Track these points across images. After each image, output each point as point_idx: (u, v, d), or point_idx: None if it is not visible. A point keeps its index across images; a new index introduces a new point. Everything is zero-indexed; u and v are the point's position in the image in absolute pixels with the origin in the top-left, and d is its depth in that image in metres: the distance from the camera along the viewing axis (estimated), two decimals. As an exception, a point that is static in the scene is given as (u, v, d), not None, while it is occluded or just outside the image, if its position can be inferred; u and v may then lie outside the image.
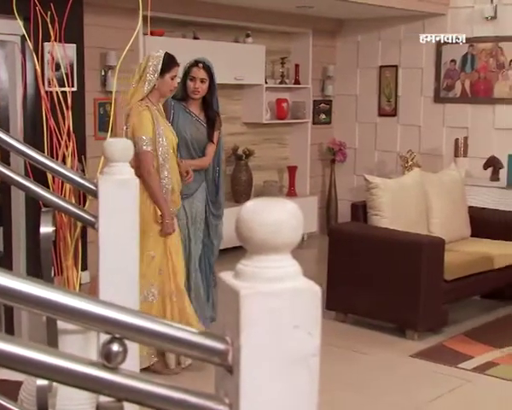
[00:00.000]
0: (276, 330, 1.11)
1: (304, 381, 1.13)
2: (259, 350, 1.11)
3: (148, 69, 3.98)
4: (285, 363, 1.12)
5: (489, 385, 4.12)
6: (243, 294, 1.10)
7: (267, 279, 1.12)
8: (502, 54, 7.07)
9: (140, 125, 3.94)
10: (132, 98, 3.99)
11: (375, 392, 4.02)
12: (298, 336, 1.12)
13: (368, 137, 8.20)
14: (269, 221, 1.10)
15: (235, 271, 1.16)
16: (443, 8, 7.41)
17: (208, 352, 1.16)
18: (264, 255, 1.12)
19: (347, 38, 8.27)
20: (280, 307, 1.11)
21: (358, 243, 5.09)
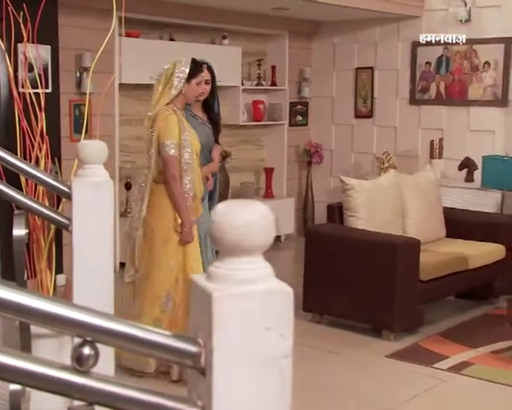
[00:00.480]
0: (248, 332, 1.11)
1: (276, 382, 1.13)
2: (232, 352, 1.11)
3: (175, 74, 3.98)
4: (257, 365, 1.12)
5: (464, 385, 4.15)
6: (215, 296, 1.10)
7: (239, 281, 1.12)
8: (476, 56, 7.14)
9: (166, 129, 3.92)
10: (158, 103, 3.98)
11: (350, 393, 4.03)
12: (270, 338, 1.12)
13: (344, 139, 8.24)
14: (240, 223, 1.10)
15: (208, 273, 1.16)
16: (418, 11, 7.47)
17: (181, 354, 1.16)
18: (236, 257, 1.12)
19: (323, 40, 8.30)
20: (252, 309, 1.11)
21: (334, 245, 5.10)
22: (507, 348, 4.58)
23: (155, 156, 3.95)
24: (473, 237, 5.62)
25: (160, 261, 3.98)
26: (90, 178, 2.26)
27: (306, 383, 4.20)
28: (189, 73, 4.01)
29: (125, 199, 6.74)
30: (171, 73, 3.99)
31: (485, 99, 7.13)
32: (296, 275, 5.52)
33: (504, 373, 4.23)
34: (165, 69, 4.03)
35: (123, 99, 6.67)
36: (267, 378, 1.13)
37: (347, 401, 3.93)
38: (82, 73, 6.15)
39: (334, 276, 5.07)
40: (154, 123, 3.94)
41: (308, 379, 4.26)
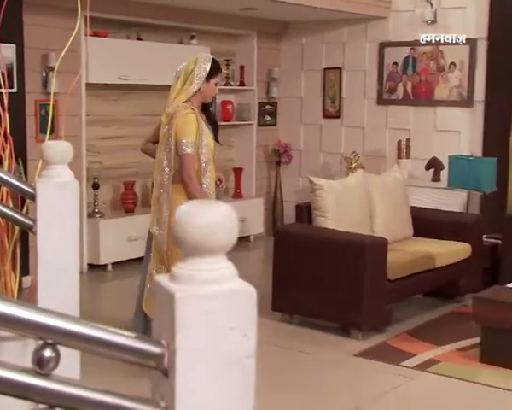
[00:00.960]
0: (211, 333, 1.11)
1: (239, 382, 1.13)
2: (195, 353, 1.10)
3: (195, 72, 3.93)
4: (220, 365, 1.12)
5: (431, 382, 4.20)
6: (178, 296, 1.10)
7: (202, 282, 1.12)
8: (442, 57, 7.22)
9: (184, 127, 3.87)
10: (176, 100, 3.92)
11: (319, 392, 4.05)
12: (233, 338, 1.12)
13: (313, 139, 8.27)
14: (202, 223, 1.10)
15: (171, 273, 1.16)
16: (385, 12, 7.53)
17: (144, 356, 1.15)
18: (199, 258, 1.12)
19: (292, 41, 8.33)
20: (215, 310, 1.11)
21: (303, 244, 5.12)
22: (472, 345, 4.63)
23: (173, 154, 3.90)
24: (439, 236, 5.68)
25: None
26: (55, 179, 2.23)
27: (276, 383, 4.20)
28: (209, 72, 3.96)
29: (92, 199, 6.69)
30: (191, 70, 3.94)
31: (452, 99, 7.21)
32: (265, 275, 5.53)
33: (470, 370, 4.29)
34: (185, 66, 3.97)
35: (90, 99, 6.61)
36: (230, 379, 1.13)
37: (316, 400, 3.94)
38: (48, 73, 6.09)
39: (304, 275, 5.09)
40: (172, 120, 3.88)
41: (277, 379, 4.27)
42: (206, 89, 3.98)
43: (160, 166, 3.96)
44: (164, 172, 3.92)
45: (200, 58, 4.00)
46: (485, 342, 4.41)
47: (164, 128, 3.95)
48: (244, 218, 7.85)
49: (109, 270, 6.59)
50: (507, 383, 4.08)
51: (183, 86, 3.93)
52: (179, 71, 3.98)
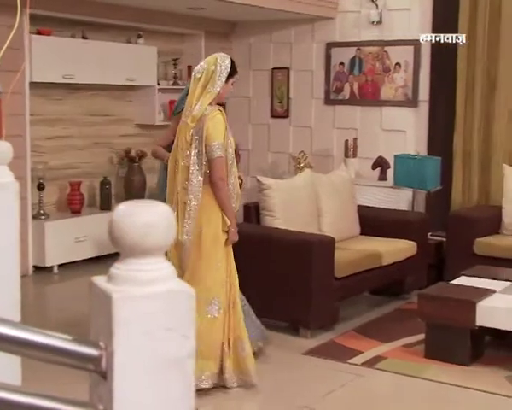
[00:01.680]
0: (149, 334, 1.10)
1: (179, 383, 1.12)
2: (133, 354, 1.09)
3: (216, 73, 3.85)
4: (159, 366, 1.11)
5: (378, 378, 4.25)
6: (115, 298, 1.09)
7: (140, 282, 1.10)
8: (387, 57, 7.32)
9: (214, 129, 3.79)
10: (200, 102, 3.81)
11: (268, 391, 4.05)
12: (172, 339, 1.11)
13: (261, 139, 8.29)
14: (139, 224, 1.09)
15: (108, 275, 1.14)
16: (332, 12, 7.59)
17: (81, 358, 1.13)
18: (136, 258, 1.11)
19: (240, 40, 8.34)
20: (153, 311, 1.10)
21: (251, 244, 5.11)
22: (418, 341, 4.71)
23: (202, 157, 3.81)
24: (386, 235, 5.75)
25: (210, 263, 3.89)
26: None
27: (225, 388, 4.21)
28: (230, 71, 3.92)
29: (37, 201, 6.57)
30: (212, 70, 3.85)
31: (397, 99, 7.32)
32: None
33: (415, 366, 4.36)
34: (206, 67, 3.87)
35: (34, 98, 6.50)
36: (170, 380, 1.12)
37: (265, 400, 3.95)
38: (-10, 72, 5.96)
39: (252, 275, 5.09)
40: (200, 123, 3.79)
41: (225, 379, 4.27)
42: (224, 89, 3.94)
43: (188, 171, 3.84)
44: (193, 177, 3.82)
45: (220, 58, 3.92)
46: (430, 338, 4.49)
47: (189, 132, 3.83)
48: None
49: (55, 272, 6.49)
50: (450, 378, 4.16)
51: (204, 87, 3.84)
52: (198, 72, 3.89)
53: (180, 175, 3.87)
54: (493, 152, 6.61)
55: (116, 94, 7.44)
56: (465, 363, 4.34)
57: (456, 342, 4.38)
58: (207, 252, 3.88)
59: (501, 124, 6.55)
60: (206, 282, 3.88)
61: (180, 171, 3.87)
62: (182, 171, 3.86)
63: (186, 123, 3.86)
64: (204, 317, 3.83)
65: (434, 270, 6.11)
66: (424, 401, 3.97)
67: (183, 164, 3.85)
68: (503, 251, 5.70)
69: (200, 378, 3.82)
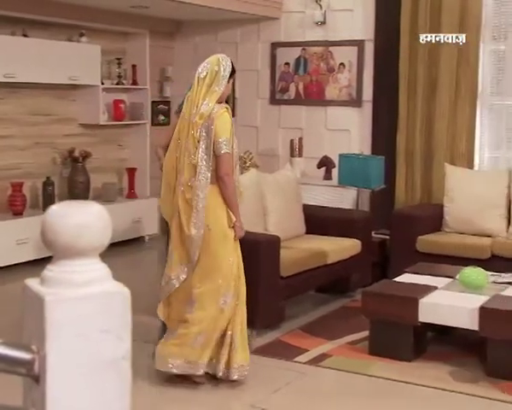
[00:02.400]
0: (83, 336, 1.08)
1: (115, 385, 1.11)
2: (66, 357, 1.07)
3: (220, 73, 3.96)
4: (94, 368, 1.09)
5: (323, 376, 4.28)
6: (48, 300, 1.07)
7: (74, 284, 1.09)
8: (332, 58, 7.39)
9: (221, 126, 3.89)
10: (206, 101, 3.88)
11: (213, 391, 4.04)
12: (107, 341, 1.10)
13: (207, 139, 8.25)
14: (72, 224, 1.07)
15: (41, 277, 1.12)
16: (277, 13, 7.62)
17: (13, 363, 1.11)
18: (70, 260, 1.09)
19: (185, 40, 8.30)
20: (88, 313, 1.09)
21: (196, 244, 5.10)
22: (362, 338, 4.76)
23: (211, 153, 3.88)
24: (331, 233, 5.80)
25: (220, 260, 3.97)
26: None
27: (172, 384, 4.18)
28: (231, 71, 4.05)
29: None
30: (216, 71, 3.95)
31: (341, 99, 7.39)
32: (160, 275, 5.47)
33: (359, 363, 4.41)
34: (209, 67, 3.96)
35: (-27, 97, 6.35)
36: (105, 382, 1.10)
37: (211, 399, 3.94)
38: None
39: (197, 275, 5.07)
40: (209, 121, 3.86)
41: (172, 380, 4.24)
42: (226, 88, 4.03)
43: (195, 169, 3.89)
44: (201, 173, 3.88)
45: (222, 59, 4.03)
46: (374, 335, 4.55)
47: (197, 129, 3.89)
48: (138, 218, 7.76)
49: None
50: (394, 374, 4.23)
51: (209, 87, 3.93)
52: (202, 72, 3.97)
53: (186, 173, 3.92)
54: (435, 151, 6.73)
55: (59, 93, 7.32)
56: (408, 359, 4.40)
57: (400, 339, 4.45)
58: (216, 249, 3.97)
59: (442, 123, 6.68)
60: (218, 278, 3.98)
61: (185, 169, 3.92)
62: (187, 169, 3.92)
63: (191, 121, 3.90)
64: (213, 311, 3.95)
65: (379, 268, 6.19)
66: (368, 397, 4.02)
67: (189, 162, 3.91)
68: (445, 248, 5.82)
69: (197, 365, 3.96)
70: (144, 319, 5.32)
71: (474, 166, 6.66)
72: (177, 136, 4.00)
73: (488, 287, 4.65)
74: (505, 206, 6.05)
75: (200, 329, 3.97)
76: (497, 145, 6.73)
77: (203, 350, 3.97)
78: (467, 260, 5.36)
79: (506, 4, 6.52)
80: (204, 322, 3.97)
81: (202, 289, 3.98)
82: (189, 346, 3.96)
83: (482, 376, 4.18)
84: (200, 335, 3.96)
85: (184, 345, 3.97)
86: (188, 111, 3.97)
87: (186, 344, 3.97)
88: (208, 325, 3.96)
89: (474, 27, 6.49)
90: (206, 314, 3.97)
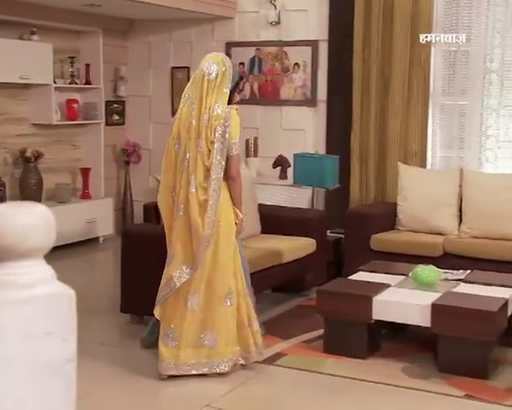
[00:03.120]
0: (27, 339, 1.06)
1: (59, 388, 1.10)
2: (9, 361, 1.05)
3: (227, 73, 4.04)
4: (39, 371, 1.08)
5: (277, 375, 4.29)
6: (-9, 303, 1.05)
7: (18, 286, 1.07)
8: (286, 58, 7.42)
9: (235, 128, 4.02)
10: (219, 101, 3.98)
11: (166, 392, 4.03)
12: (52, 343, 1.08)
13: (162, 138, 8.11)
14: (16, 226, 1.05)
15: (-16, 279, 1.10)
16: (231, 12, 7.62)
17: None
18: (14, 262, 1.07)
19: (139, 39, 8.25)
20: (31, 315, 1.07)
21: (151, 244, 5.06)
22: (317, 337, 4.80)
23: (225, 154, 4.00)
24: (286, 233, 5.82)
25: (225, 255, 4.08)
26: None
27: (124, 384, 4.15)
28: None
29: None
30: (223, 71, 4.01)
31: (296, 99, 7.42)
32: (115, 277, 5.44)
33: (314, 361, 4.43)
34: (218, 69, 4.00)
35: None
36: (50, 384, 1.09)
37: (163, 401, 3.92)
38: None
39: (152, 276, 5.02)
40: (225, 121, 3.95)
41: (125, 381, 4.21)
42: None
43: (207, 170, 3.98)
44: (216, 173, 3.97)
45: (225, 58, 4.12)
46: (328, 333, 4.58)
47: (212, 131, 3.95)
48: (93, 219, 7.68)
49: None
50: (348, 371, 4.26)
51: (218, 87, 3.99)
52: (211, 74, 3.99)
53: (198, 174, 3.98)
54: (388, 150, 6.81)
55: (10, 92, 7.20)
56: (362, 356, 4.45)
57: (354, 336, 4.49)
58: (224, 245, 4.09)
59: (395, 123, 6.76)
60: (225, 274, 4.09)
61: (198, 170, 3.98)
62: (200, 170, 3.99)
63: (202, 123, 3.95)
64: (222, 308, 4.08)
65: (334, 266, 6.25)
66: (322, 394, 4.04)
67: (202, 163, 3.98)
68: (398, 246, 5.89)
69: (221, 364, 4.12)
70: (100, 320, 5.28)
71: (426, 165, 6.76)
72: (177, 136, 4.06)
73: (440, 284, 4.72)
74: (456, 204, 6.15)
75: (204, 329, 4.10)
76: (449, 145, 6.83)
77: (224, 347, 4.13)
78: (420, 258, 5.44)
79: (457, 6, 6.63)
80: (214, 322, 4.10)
81: (204, 284, 4.08)
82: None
83: (434, 372, 4.24)
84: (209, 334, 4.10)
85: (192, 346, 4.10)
86: (187, 112, 4.02)
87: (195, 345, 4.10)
88: (220, 321, 4.09)
89: (426, 28, 6.59)
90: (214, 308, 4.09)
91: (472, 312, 4.17)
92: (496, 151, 6.65)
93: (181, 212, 4.02)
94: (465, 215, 6.07)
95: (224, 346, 4.12)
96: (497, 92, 6.58)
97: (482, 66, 6.55)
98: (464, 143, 6.73)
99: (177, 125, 4.09)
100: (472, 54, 6.60)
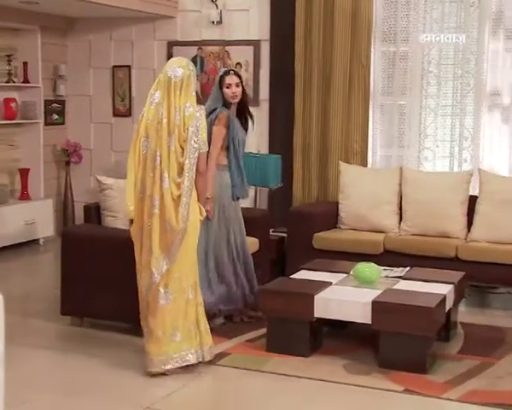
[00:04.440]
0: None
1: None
2: None
3: (191, 76, 4.30)
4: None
5: (219, 375, 4.28)
6: None
7: None
8: (228, 57, 7.42)
9: (204, 127, 4.27)
10: (191, 102, 4.24)
11: (109, 394, 3.98)
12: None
13: (103, 138, 8.13)
14: None
15: None
16: (173, 11, 7.58)
17: None
18: None
19: (79, 37, 8.13)
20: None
21: (91, 245, 5.00)
22: (260, 336, 4.81)
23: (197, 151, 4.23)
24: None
25: (191, 248, 4.25)
26: None
27: (63, 388, 4.09)
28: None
29: None
30: (188, 75, 4.25)
31: (239, 99, 7.41)
32: (56, 278, 5.35)
33: (257, 360, 4.44)
34: (183, 72, 4.23)
35: None
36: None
37: (106, 402, 3.87)
38: None
39: (93, 277, 4.98)
40: (196, 121, 4.17)
41: (66, 383, 4.16)
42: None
43: (180, 166, 4.17)
44: (189, 170, 4.17)
45: (189, 62, 4.35)
46: (271, 332, 4.59)
47: (186, 129, 4.15)
48: (32, 220, 7.54)
49: None
50: (290, 370, 4.28)
51: (186, 89, 4.23)
52: (176, 77, 4.20)
53: (172, 171, 4.16)
54: (330, 150, 6.88)
55: None
56: (305, 354, 4.48)
57: (296, 335, 4.51)
58: (192, 240, 4.26)
59: (336, 122, 6.83)
60: (191, 268, 4.27)
61: (171, 167, 4.16)
62: (173, 167, 4.16)
63: (174, 123, 4.14)
64: (186, 302, 4.23)
65: (277, 265, 6.27)
66: (264, 393, 4.05)
67: (175, 159, 4.16)
68: (340, 244, 5.96)
69: (185, 357, 4.23)
70: (38, 323, 5.18)
71: (367, 163, 6.85)
72: (144, 135, 4.20)
73: (380, 281, 4.79)
74: (397, 203, 6.25)
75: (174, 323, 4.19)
76: (390, 144, 6.95)
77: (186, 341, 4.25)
78: (361, 256, 5.52)
79: (395, 8, 6.74)
80: (176, 314, 4.19)
81: (173, 282, 4.20)
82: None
83: (375, 367, 4.30)
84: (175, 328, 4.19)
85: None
86: (155, 113, 4.19)
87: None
88: (183, 315, 4.21)
89: (366, 29, 6.68)
90: (176, 307, 4.18)
91: (411, 308, 4.24)
92: (434, 150, 6.78)
93: (156, 209, 4.16)
94: (405, 213, 6.18)
95: (186, 339, 4.24)
96: (435, 92, 6.71)
97: (420, 66, 6.68)
98: (404, 142, 6.85)
99: (144, 125, 4.22)
100: (410, 55, 6.72)
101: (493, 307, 6.02)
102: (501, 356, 4.56)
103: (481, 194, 6.00)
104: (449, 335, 4.84)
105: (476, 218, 5.94)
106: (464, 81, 6.60)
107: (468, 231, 5.97)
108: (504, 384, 4.10)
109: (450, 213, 5.98)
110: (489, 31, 6.44)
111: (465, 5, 6.52)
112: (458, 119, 6.64)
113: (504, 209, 5.81)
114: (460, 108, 6.62)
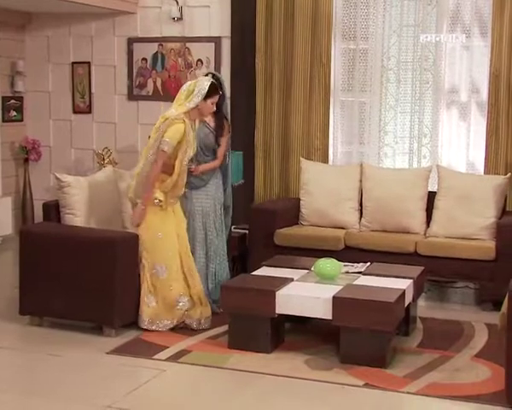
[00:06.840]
0: None
1: None
2: None
3: (195, 91, 4.93)
4: None
5: (180, 372, 4.28)
6: None
7: None
8: (189, 54, 7.39)
9: (171, 131, 4.79)
10: (176, 109, 4.88)
11: (70, 393, 3.94)
12: None
13: (63, 135, 8.03)
14: None
15: None
16: (133, 7, 7.52)
17: None
18: None
19: (36, 33, 8.00)
20: None
21: (51, 244, 4.95)
22: (222, 332, 4.82)
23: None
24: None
25: (154, 234, 4.92)
26: None
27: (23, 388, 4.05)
28: (207, 93, 4.95)
29: None
30: (192, 89, 4.94)
31: (200, 95, 7.39)
32: (14, 277, 5.29)
33: (218, 357, 4.45)
34: (188, 85, 5.00)
35: None
36: None
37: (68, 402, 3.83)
38: None
39: (53, 276, 4.93)
40: (167, 121, 4.82)
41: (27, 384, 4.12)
42: (203, 106, 4.99)
43: (145, 156, 4.95)
44: (145, 159, 4.94)
45: (200, 80, 5.04)
46: (233, 329, 4.60)
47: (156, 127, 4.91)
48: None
49: None
50: (252, 366, 4.30)
51: (184, 101, 4.92)
52: (184, 88, 4.99)
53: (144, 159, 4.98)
54: (291, 146, 6.89)
55: None
56: (266, 350, 4.49)
57: (258, 331, 4.53)
58: (154, 226, 4.96)
59: (297, 119, 6.85)
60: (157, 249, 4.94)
61: (142, 155, 5.07)
62: (143, 156, 5.00)
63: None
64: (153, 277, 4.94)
65: (239, 262, 6.29)
66: (225, 389, 4.06)
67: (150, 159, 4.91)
68: (301, 241, 5.99)
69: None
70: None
71: (328, 160, 6.89)
72: None
73: (341, 277, 4.83)
74: (357, 199, 6.31)
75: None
76: (350, 140, 6.99)
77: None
78: (322, 252, 5.55)
79: (355, 6, 6.78)
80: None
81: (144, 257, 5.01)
82: None
83: (336, 363, 4.34)
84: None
85: None
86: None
87: None
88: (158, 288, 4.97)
89: (326, 27, 6.70)
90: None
91: (371, 303, 4.28)
92: (394, 147, 6.85)
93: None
94: (365, 209, 6.24)
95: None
96: (395, 90, 6.78)
97: (380, 64, 6.73)
98: (364, 138, 6.90)
99: None
100: (370, 52, 6.78)
101: (452, 301, 6.12)
102: (459, 349, 4.64)
103: (440, 190, 6.08)
104: (408, 329, 4.90)
105: (435, 213, 6.03)
106: (423, 78, 6.67)
107: (428, 227, 6.05)
108: (463, 377, 4.17)
109: (410, 209, 6.05)
110: (447, 28, 6.53)
111: (423, 3, 6.59)
112: (417, 116, 6.71)
113: (462, 205, 5.90)
114: (419, 105, 6.69)
